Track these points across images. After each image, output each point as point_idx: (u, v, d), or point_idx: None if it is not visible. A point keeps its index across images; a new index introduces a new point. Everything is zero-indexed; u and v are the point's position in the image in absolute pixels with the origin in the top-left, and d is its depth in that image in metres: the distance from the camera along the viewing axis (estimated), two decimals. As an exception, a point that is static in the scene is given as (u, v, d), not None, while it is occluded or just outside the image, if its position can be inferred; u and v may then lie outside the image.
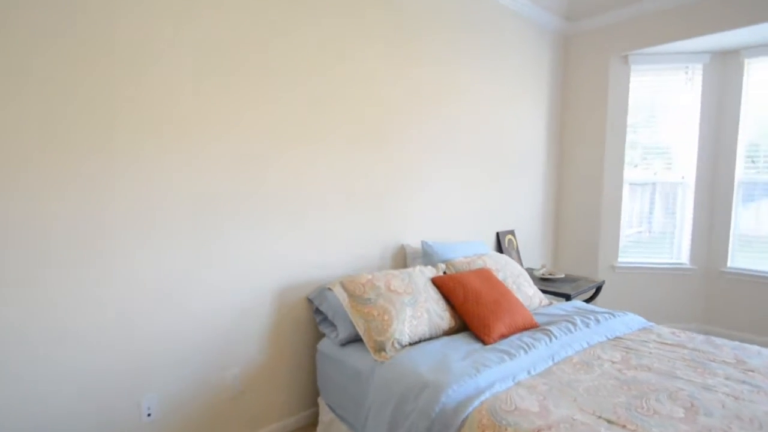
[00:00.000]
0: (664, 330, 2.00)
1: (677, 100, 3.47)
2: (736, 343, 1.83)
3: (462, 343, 1.78)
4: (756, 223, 3.32)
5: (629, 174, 3.54)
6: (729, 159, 3.35)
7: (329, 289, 1.98)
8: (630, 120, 3.48)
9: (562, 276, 3.01)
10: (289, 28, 1.98)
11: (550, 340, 1.80)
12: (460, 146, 2.88)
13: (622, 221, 3.52)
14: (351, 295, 1.90)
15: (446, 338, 1.86)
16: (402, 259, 2.59)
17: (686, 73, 3.48)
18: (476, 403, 1.34)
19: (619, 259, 3.55)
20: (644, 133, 3.55)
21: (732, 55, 3.31)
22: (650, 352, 1.73)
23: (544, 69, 3.50)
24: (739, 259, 3.36)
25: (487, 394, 1.38)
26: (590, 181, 3.59)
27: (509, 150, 3.25)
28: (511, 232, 3.31)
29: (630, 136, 3.50)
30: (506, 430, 1.21)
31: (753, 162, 3.34)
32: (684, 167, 3.51)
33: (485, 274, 2.16)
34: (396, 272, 2.04)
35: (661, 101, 3.51)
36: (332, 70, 2.16)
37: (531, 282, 2.47)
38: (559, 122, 3.73)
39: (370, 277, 1.96)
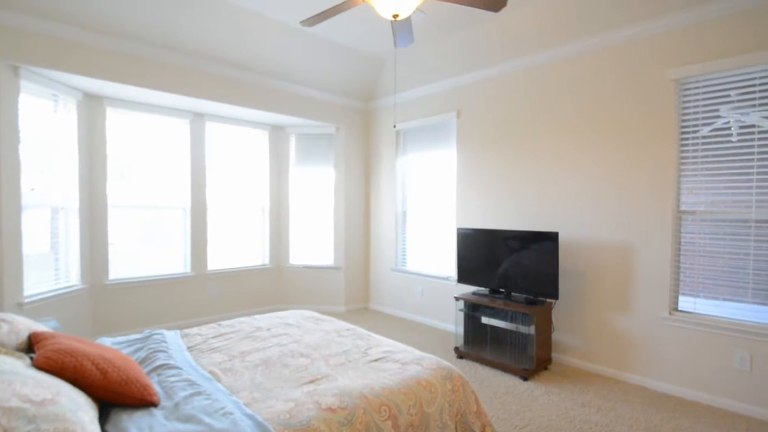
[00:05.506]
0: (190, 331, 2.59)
1: (54, 126, 3.54)
2: (244, 318, 2.78)
3: (153, 424, 1.54)
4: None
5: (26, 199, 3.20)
6: (101, 184, 3.91)
7: None
8: (22, 140, 3.14)
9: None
10: None
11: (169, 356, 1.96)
12: None
13: (24, 248, 3.13)
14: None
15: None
16: None
17: (56, 102, 3.60)
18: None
19: (25, 293, 3.14)
20: (37, 155, 3.31)
21: (98, 100, 3.87)
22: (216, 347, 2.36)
23: None
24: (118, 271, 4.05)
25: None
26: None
27: None
28: None
29: (24, 158, 3.16)
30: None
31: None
32: (67, 191, 3.66)
33: (58, 334, 1.72)
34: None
35: (41, 125, 3.41)
36: None
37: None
38: None
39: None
